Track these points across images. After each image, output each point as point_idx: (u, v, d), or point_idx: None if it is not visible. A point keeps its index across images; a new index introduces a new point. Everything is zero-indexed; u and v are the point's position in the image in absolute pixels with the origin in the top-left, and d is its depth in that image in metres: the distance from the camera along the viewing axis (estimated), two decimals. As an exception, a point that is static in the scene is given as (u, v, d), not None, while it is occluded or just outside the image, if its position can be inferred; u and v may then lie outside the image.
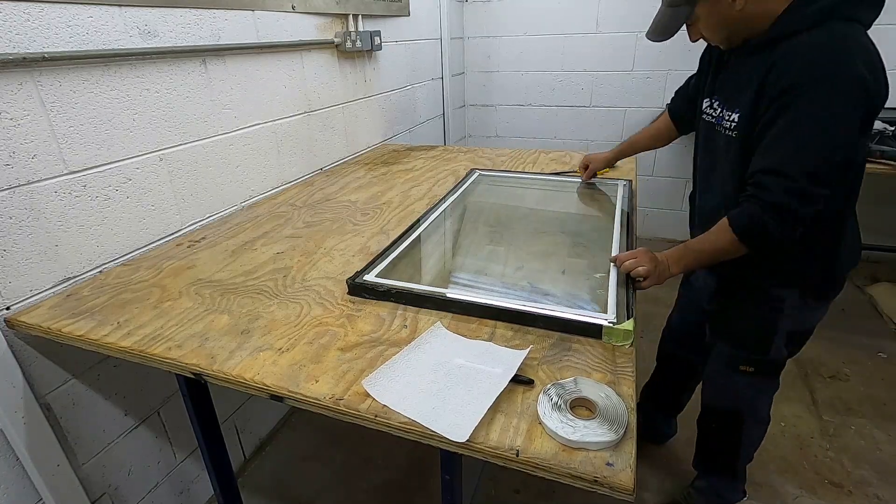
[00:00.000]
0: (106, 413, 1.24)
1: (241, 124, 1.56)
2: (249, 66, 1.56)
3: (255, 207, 1.58)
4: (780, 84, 0.92)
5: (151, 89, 1.26)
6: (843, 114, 0.89)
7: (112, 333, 0.92)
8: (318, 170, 1.96)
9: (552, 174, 1.81)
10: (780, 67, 0.93)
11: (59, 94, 1.07)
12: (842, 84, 0.88)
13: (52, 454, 1.11)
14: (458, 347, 0.85)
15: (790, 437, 1.79)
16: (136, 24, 1.20)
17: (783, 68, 0.92)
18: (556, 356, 0.83)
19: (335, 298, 1.03)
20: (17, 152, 1.01)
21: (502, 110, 3.38)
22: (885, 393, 1.98)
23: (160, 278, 1.13)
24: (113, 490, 1.28)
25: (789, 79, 0.91)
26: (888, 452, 1.71)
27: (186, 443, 1.49)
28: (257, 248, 1.27)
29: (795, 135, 0.90)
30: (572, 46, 3.02)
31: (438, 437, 0.67)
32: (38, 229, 1.06)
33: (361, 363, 0.82)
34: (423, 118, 2.89)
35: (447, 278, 1.18)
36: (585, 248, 1.32)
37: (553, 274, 1.16)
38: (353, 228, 1.38)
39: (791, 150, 0.90)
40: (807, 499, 1.57)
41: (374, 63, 2.27)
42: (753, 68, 1.00)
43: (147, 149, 1.27)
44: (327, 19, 1.89)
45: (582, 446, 0.65)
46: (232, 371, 0.81)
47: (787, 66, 0.92)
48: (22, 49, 1.00)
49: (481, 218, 1.54)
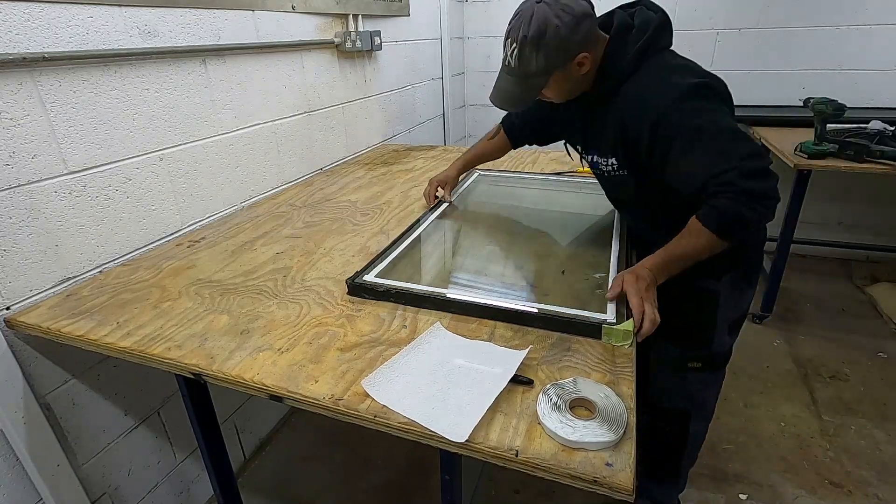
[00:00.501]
0: (106, 413, 1.24)
1: (240, 124, 1.56)
2: (249, 66, 1.56)
3: (254, 207, 1.58)
4: (645, 126, 0.97)
5: (151, 89, 1.26)
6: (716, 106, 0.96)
7: (112, 333, 0.92)
8: (317, 170, 1.96)
9: (552, 174, 1.81)
10: (633, 114, 1.00)
11: (59, 93, 1.07)
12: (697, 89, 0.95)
13: (52, 454, 1.11)
14: (457, 347, 0.85)
15: (790, 437, 1.79)
16: (136, 23, 1.20)
17: (638, 113, 0.98)
18: (556, 356, 0.83)
19: (335, 298, 1.03)
20: (17, 152, 1.01)
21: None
22: (885, 393, 1.97)
23: (160, 278, 1.13)
24: (113, 490, 1.28)
25: (651, 116, 0.96)
26: (888, 452, 1.71)
27: (186, 443, 1.49)
28: (257, 248, 1.27)
29: (703, 142, 0.93)
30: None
31: (438, 437, 0.67)
32: (37, 229, 1.06)
33: (361, 363, 0.82)
34: (423, 118, 2.89)
35: (447, 278, 1.18)
36: (585, 248, 1.32)
37: (553, 274, 1.16)
38: (352, 228, 1.38)
39: (721, 147, 0.92)
40: (807, 499, 1.57)
41: (374, 63, 2.27)
42: (604, 117, 1.07)
43: (147, 149, 1.27)
44: (327, 19, 1.89)
45: (581, 446, 0.65)
46: (231, 371, 0.81)
47: (641, 109, 0.98)
48: (22, 49, 1.00)
49: (481, 218, 1.54)
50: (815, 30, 2.60)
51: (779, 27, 2.65)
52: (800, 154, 2.04)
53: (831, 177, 2.78)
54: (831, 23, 2.56)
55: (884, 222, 2.85)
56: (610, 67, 1.03)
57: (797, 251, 2.97)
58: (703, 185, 0.93)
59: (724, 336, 1.23)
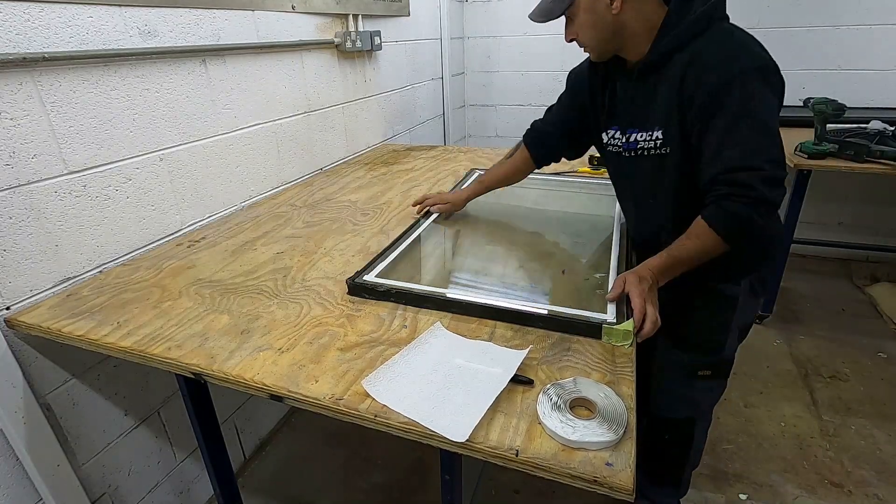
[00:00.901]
0: (106, 413, 1.24)
1: (241, 124, 1.56)
2: (249, 66, 1.56)
3: (255, 207, 1.58)
4: (704, 88, 0.93)
5: (151, 89, 1.26)
6: (772, 98, 0.93)
7: (112, 333, 0.92)
8: (318, 170, 1.96)
9: (552, 174, 1.81)
10: (696, 73, 0.94)
11: (59, 93, 1.07)
12: (759, 73, 0.92)
13: (52, 454, 1.11)
14: (458, 347, 0.85)
15: (790, 437, 1.79)
16: (136, 23, 1.20)
17: (700, 73, 0.94)
18: (556, 356, 0.83)
19: (335, 298, 1.03)
20: (17, 152, 1.01)
21: (502, 110, 3.38)
22: (884, 393, 1.97)
23: (160, 278, 1.13)
24: (113, 490, 1.28)
25: (713, 80, 0.92)
26: (888, 452, 1.71)
27: (186, 443, 1.49)
28: (257, 248, 1.27)
29: (745, 128, 0.91)
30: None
31: (438, 436, 0.67)
32: (38, 229, 1.06)
33: (361, 363, 0.82)
34: (423, 118, 2.89)
35: (447, 278, 1.18)
36: (585, 248, 1.32)
37: (553, 274, 1.16)
38: (353, 228, 1.38)
39: (749, 143, 0.91)
40: (807, 499, 1.57)
41: (374, 63, 2.27)
42: (655, 86, 1.01)
43: (147, 149, 1.27)
44: (327, 19, 1.89)
45: (581, 446, 0.65)
46: (232, 371, 0.81)
47: (704, 70, 0.93)
48: (22, 49, 1.00)
49: (481, 218, 1.54)
50: (815, 30, 2.60)
51: (779, 27, 2.65)
52: (800, 154, 2.04)
53: (831, 177, 2.78)
54: (831, 23, 2.57)
55: (884, 222, 2.84)
56: (671, 27, 0.98)
57: (797, 251, 2.97)
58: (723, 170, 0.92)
59: (734, 342, 1.21)
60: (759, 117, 0.91)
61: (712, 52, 0.94)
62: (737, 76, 0.91)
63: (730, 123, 0.92)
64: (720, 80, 0.92)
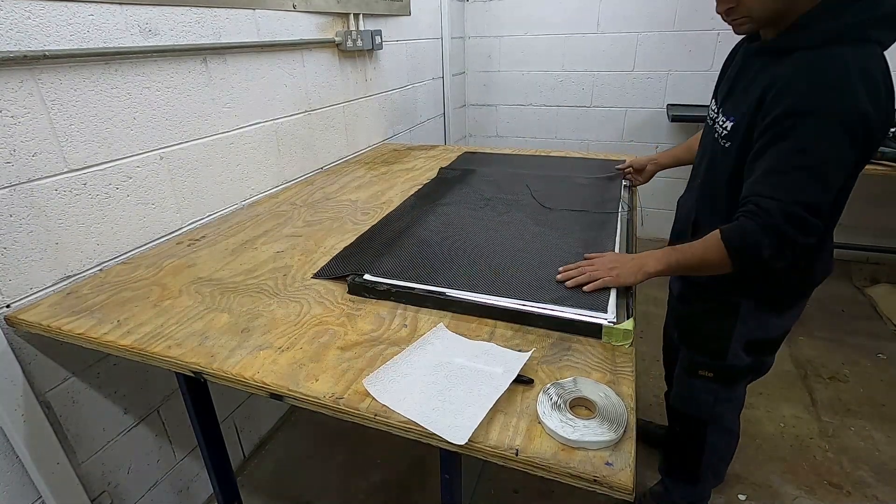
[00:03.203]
0: (106, 411, 1.24)
1: (241, 123, 1.56)
2: (250, 65, 1.56)
3: (255, 206, 1.58)
4: (778, 107, 0.88)
5: (152, 87, 1.26)
6: (843, 148, 0.85)
7: (112, 332, 0.92)
8: (318, 169, 1.96)
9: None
10: (780, 88, 0.89)
11: (60, 91, 1.07)
12: (843, 119, 0.84)
13: (51, 452, 1.11)
14: (460, 348, 0.85)
15: (789, 437, 1.79)
16: (137, 22, 1.20)
17: (783, 89, 0.88)
18: (556, 356, 0.83)
19: (335, 297, 1.03)
20: (17, 150, 1.01)
21: (503, 110, 3.38)
22: (884, 394, 1.98)
23: (160, 276, 1.13)
24: (112, 488, 1.28)
25: (788, 104, 0.87)
26: (887, 453, 1.71)
27: (186, 441, 1.49)
28: (257, 246, 1.27)
29: (797, 165, 0.86)
30: (573, 46, 3.02)
31: (438, 437, 0.67)
32: (38, 227, 1.06)
33: (361, 362, 0.82)
34: (424, 118, 2.89)
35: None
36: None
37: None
38: (353, 227, 1.38)
39: (793, 180, 0.87)
40: (806, 499, 1.57)
41: (375, 62, 2.27)
42: (755, 77, 0.97)
43: (147, 147, 1.27)
44: (328, 18, 1.89)
45: (581, 446, 0.65)
46: (232, 370, 0.81)
47: (787, 89, 0.88)
48: (23, 47, 0.99)
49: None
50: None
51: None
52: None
53: (831, 178, 2.78)
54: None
55: (884, 223, 2.85)
56: (810, 23, 0.88)
57: (797, 252, 2.97)
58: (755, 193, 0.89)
59: (741, 353, 1.18)
60: (817, 162, 0.85)
61: (812, 74, 0.86)
62: (811, 112, 0.84)
63: (788, 154, 0.87)
64: (794, 109, 0.86)
